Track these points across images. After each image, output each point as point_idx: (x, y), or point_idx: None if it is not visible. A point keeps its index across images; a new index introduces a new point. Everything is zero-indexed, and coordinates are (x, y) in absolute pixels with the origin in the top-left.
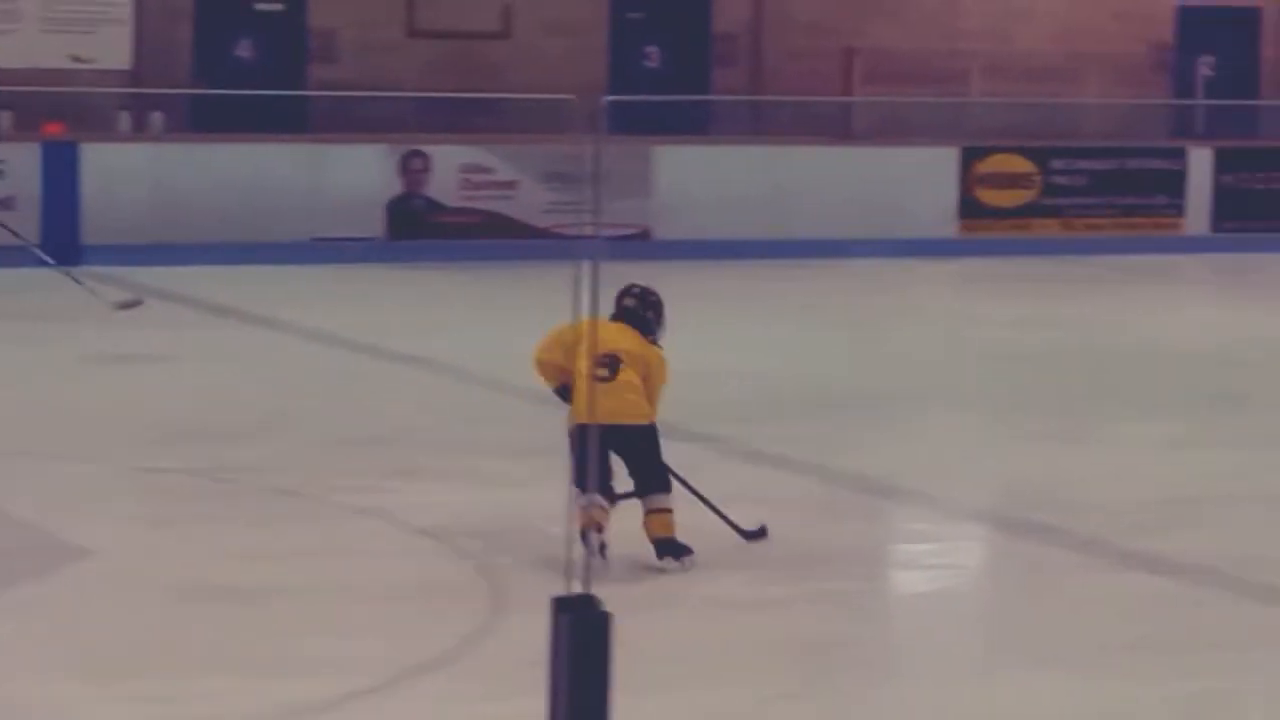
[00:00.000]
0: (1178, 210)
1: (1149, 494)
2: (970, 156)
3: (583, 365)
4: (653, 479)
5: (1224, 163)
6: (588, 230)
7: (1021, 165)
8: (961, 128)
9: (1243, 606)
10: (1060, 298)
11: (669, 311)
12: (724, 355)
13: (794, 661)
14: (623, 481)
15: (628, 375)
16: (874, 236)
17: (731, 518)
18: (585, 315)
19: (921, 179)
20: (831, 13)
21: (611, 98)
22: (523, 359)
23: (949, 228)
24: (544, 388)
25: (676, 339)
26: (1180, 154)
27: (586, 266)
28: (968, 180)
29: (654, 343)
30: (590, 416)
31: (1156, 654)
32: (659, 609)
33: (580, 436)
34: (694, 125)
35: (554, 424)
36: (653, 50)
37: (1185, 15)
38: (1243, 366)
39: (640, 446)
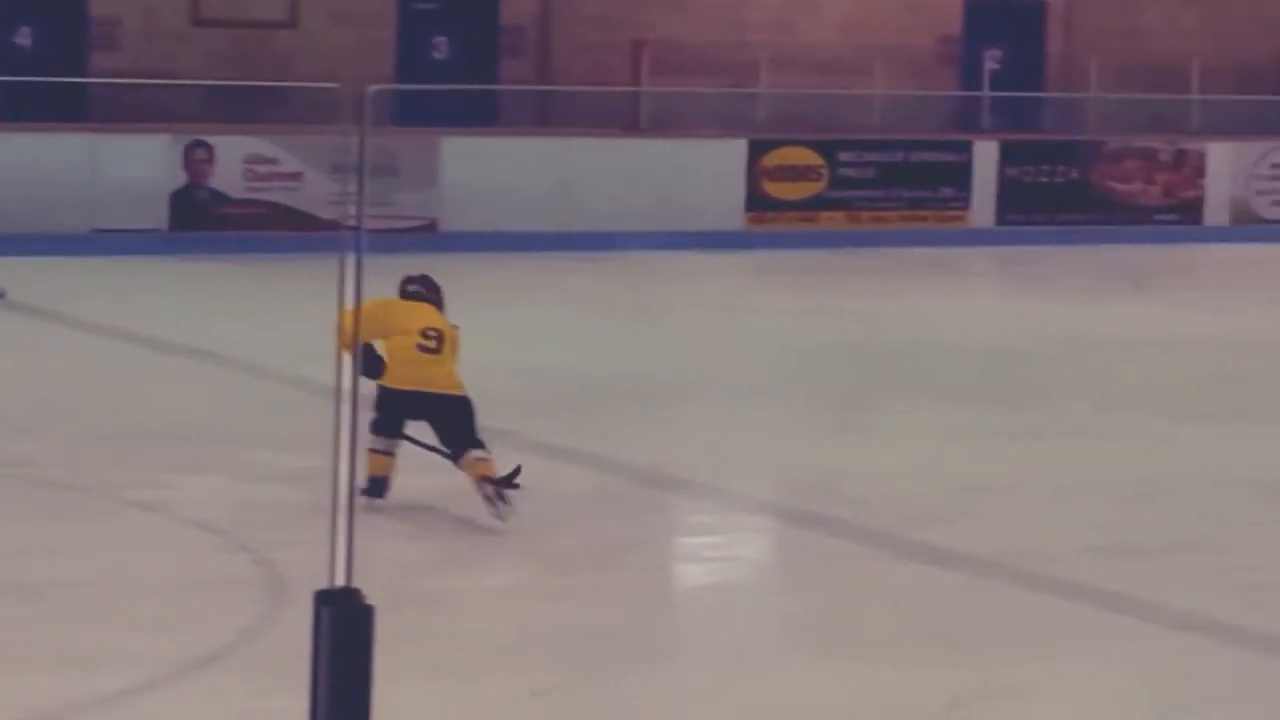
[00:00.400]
0: (963, 203)
1: (933, 485)
2: (757, 149)
3: (408, 339)
4: (470, 440)
5: (1009, 156)
6: (368, 222)
7: (808, 158)
8: (749, 120)
9: (1026, 597)
10: (846, 290)
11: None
12: (511, 348)
13: (572, 652)
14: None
15: (447, 350)
16: (661, 229)
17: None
18: (350, 305)
19: (709, 171)
20: (619, 5)
21: (378, 87)
22: (307, 352)
23: (736, 220)
24: (323, 378)
25: (463, 331)
26: (966, 147)
27: (355, 259)
28: (755, 173)
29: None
30: (411, 382)
31: (939, 645)
32: (438, 600)
33: (395, 396)
34: (481, 117)
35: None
36: (441, 41)
37: (972, 8)
38: (1026, 358)
39: (462, 415)
